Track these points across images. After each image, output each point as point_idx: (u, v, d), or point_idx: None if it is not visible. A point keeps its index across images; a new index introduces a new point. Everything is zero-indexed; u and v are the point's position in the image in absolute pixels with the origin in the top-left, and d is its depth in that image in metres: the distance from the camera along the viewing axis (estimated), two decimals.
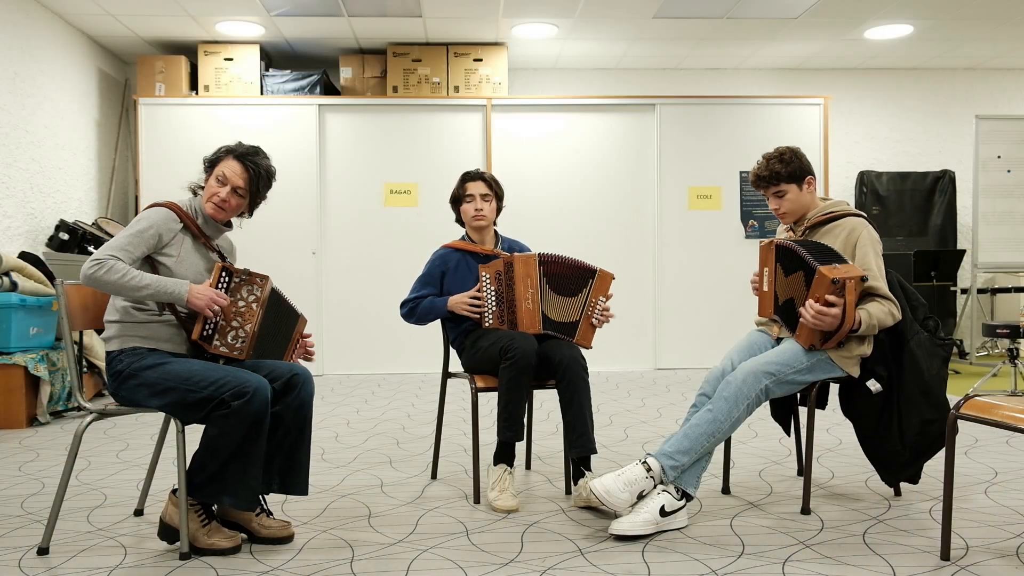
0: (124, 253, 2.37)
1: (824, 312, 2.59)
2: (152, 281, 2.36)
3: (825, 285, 2.58)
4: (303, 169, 6.54)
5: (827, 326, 2.62)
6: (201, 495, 2.39)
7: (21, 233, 5.51)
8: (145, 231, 2.43)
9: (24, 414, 4.43)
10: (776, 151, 2.88)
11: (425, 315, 3.17)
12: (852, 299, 2.59)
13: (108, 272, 2.32)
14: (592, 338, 3.10)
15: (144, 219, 2.45)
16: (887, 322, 2.69)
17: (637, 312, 6.74)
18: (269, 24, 6.22)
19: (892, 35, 6.56)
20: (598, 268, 3.08)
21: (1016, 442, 3.82)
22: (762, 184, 2.89)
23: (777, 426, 4.23)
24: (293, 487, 2.55)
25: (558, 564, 2.32)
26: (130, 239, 2.40)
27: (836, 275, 2.56)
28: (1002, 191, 6.98)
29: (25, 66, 5.56)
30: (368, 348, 6.61)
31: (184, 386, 2.35)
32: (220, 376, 2.35)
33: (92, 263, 2.33)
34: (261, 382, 2.37)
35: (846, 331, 2.63)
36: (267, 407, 2.38)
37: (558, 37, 6.58)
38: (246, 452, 2.36)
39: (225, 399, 2.31)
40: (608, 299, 3.10)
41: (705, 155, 6.75)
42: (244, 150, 2.61)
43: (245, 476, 2.37)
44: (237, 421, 2.32)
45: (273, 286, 2.60)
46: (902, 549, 2.42)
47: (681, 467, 2.59)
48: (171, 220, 2.49)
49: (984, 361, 7.15)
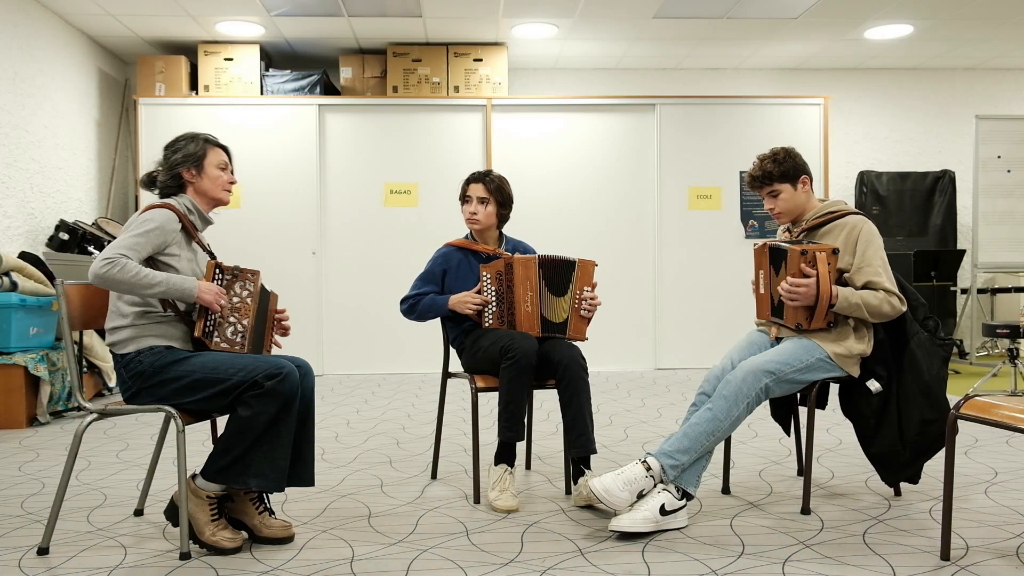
0: (133, 252, 2.38)
1: (798, 283, 2.65)
2: (163, 279, 2.38)
3: (795, 259, 2.67)
4: (303, 169, 6.54)
5: (803, 298, 2.67)
6: (224, 478, 2.40)
7: (21, 233, 5.51)
8: (152, 232, 2.43)
9: (24, 414, 4.43)
10: (770, 151, 2.91)
11: (426, 312, 3.16)
12: (824, 270, 2.65)
13: (121, 271, 2.32)
14: (585, 330, 3.09)
15: (150, 220, 2.45)
16: (882, 308, 2.69)
17: (637, 312, 6.74)
18: (269, 24, 6.22)
19: (892, 35, 6.56)
20: (577, 259, 3.08)
21: (1016, 442, 3.82)
22: (756, 184, 2.92)
23: (777, 426, 4.23)
24: (300, 478, 2.57)
25: (558, 564, 2.32)
26: (138, 239, 2.41)
27: (805, 248, 2.66)
28: (1002, 191, 6.98)
29: (25, 66, 5.56)
30: (368, 348, 6.61)
31: (214, 375, 2.38)
32: (249, 362, 2.40)
33: (104, 262, 2.33)
34: (291, 366, 2.43)
35: (825, 304, 2.68)
36: (298, 388, 2.43)
37: (558, 37, 6.58)
38: (276, 432, 2.40)
39: (258, 380, 2.36)
40: (593, 287, 3.09)
41: (705, 155, 6.75)
42: (212, 136, 2.68)
43: (273, 456, 2.40)
44: (271, 399, 2.36)
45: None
46: (902, 549, 2.42)
47: (681, 466, 2.59)
48: (173, 221, 2.50)
49: (984, 361, 7.15)
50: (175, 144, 2.64)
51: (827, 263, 2.66)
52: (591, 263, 3.09)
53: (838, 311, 2.71)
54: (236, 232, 6.51)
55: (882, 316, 2.71)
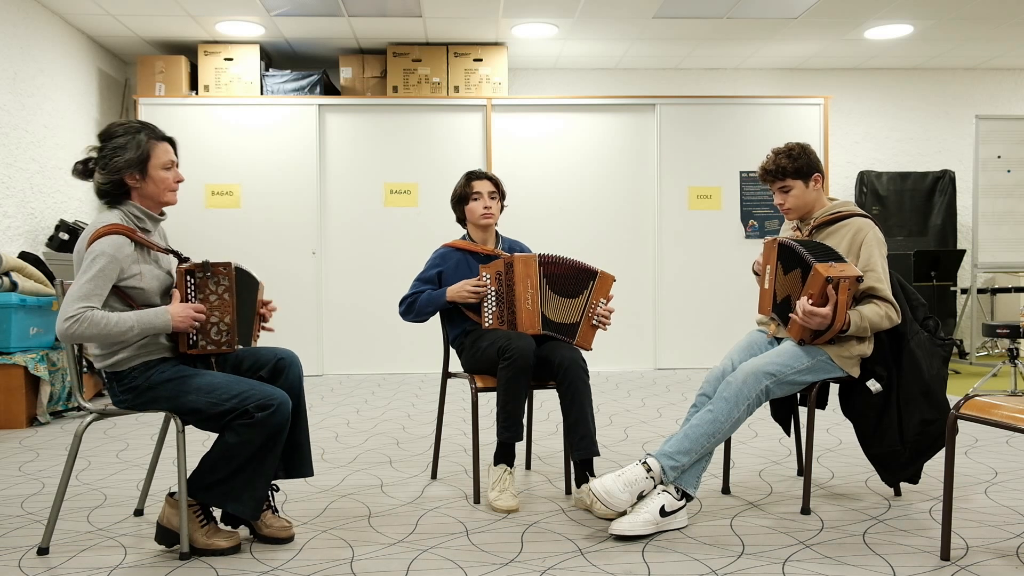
0: (95, 299, 2.26)
1: (814, 313, 2.60)
2: (135, 322, 2.28)
3: (819, 281, 2.59)
4: (303, 169, 6.54)
5: (816, 326, 2.63)
6: (206, 497, 2.39)
7: (21, 233, 5.51)
8: (104, 269, 2.28)
9: (24, 414, 4.43)
10: (786, 146, 2.88)
11: (424, 308, 3.14)
12: (844, 299, 2.59)
13: (89, 326, 2.22)
14: (592, 340, 3.09)
15: (101, 255, 2.28)
16: (881, 325, 2.69)
17: (637, 312, 6.74)
18: (269, 24, 6.22)
19: (892, 35, 6.56)
20: (599, 270, 3.07)
21: (1016, 442, 3.82)
22: (768, 178, 2.90)
23: (777, 426, 4.23)
24: (298, 469, 2.56)
25: (558, 564, 2.32)
26: (94, 283, 2.26)
27: (831, 273, 2.57)
28: (1002, 191, 6.98)
29: (25, 66, 5.56)
30: (368, 348, 6.61)
31: (207, 399, 2.34)
32: (244, 389, 2.35)
33: (67, 321, 2.21)
34: (285, 396, 2.38)
35: (836, 331, 2.64)
36: (288, 421, 2.39)
37: (558, 37, 6.58)
38: (260, 461, 2.38)
39: (249, 410, 2.32)
40: (608, 301, 3.09)
41: (705, 155, 6.75)
42: (154, 127, 2.45)
43: (254, 486, 2.38)
44: (259, 431, 2.33)
45: (236, 265, 2.49)
46: (902, 549, 2.42)
47: (681, 467, 2.59)
48: (124, 245, 2.33)
49: (984, 361, 7.15)
50: (113, 140, 2.40)
51: (847, 291, 2.59)
52: (611, 277, 3.07)
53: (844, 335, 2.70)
54: (236, 232, 6.51)
55: (879, 330, 2.72)
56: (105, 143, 2.42)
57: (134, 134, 2.40)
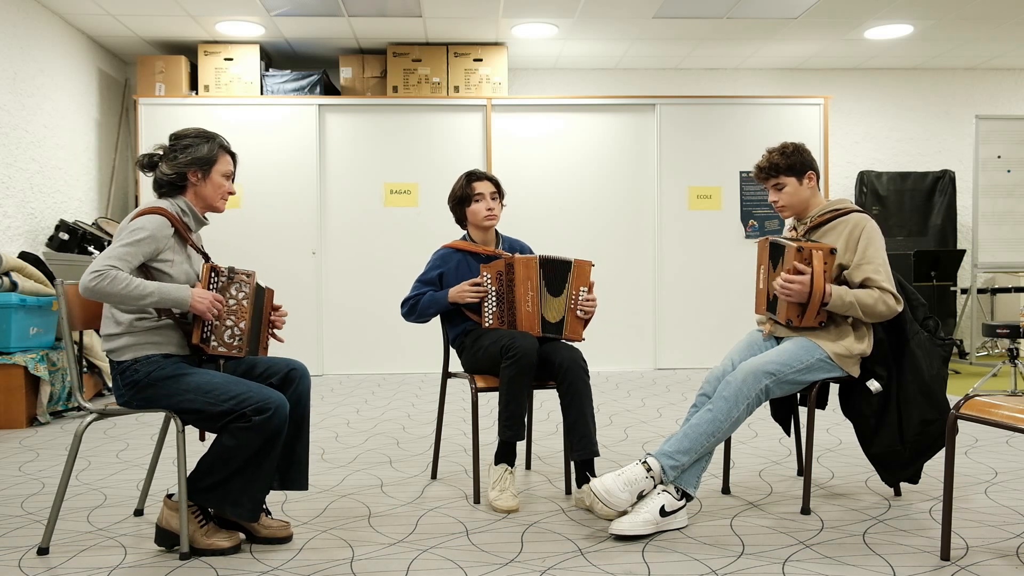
0: (123, 263, 2.31)
1: (791, 279, 2.65)
2: (155, 289, 2.32)
3: (791, 255, 2.67)
4: (303, 169, 6.54)
5: (796, 295, 2.67)
6: (204, 499, 2.39)
7: (21, 233, 5.51)
8: (143, 241, 2.36)
9: (24, 414, 4.43)
10: (780, 145, 2.94)
11: (426, 310, 3.15)
12: (819, 268, 2.65)
13: (111, 283, 2.26)
14: (581, 330, 3.08)
15: (141, 228, 2.38)
16: (877, 308, 2.68)
17: (637, 312, 6.74)
18: (269, 24, 6.22)
19: (892, 35, 6.56)
20: (573, 259, 3.07)
21: (1016, 442, 3.82)
22: (762, 175, 2.93)
23: (777, 426, 4.23)
24: (293, 482, 2.56)
25: (558, 564, 2.32)
26: (128, 248, 2.34)
27: (802, 244, 2.67)
28: (1002, 191, 6.98)
29: (25, 66, 5.56)
30: (368, 348, 6.61)
31: (205, 399, 2.35)
32: (242, 391, 2.35)
33: (92, 275, 2.27)
34: (282, 399, 2.38)
35: (817, 302, 2.67)
36: (285, 424, 2.40)
37: (558, 37, 6.58)
38: (257, 464, 2.38)
39: (246, 413, 2.32)
40: (590, 288, 3.08)
41: (705, 155, 6.75)
42: (224, 139, 2.61)
43: (252, 488, 2.39)
44: (255, 435, 2.33)
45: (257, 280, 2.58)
46: (902, 549, 2.42)
47: (681, 467, 2.59)
48: (165, 227, 2.42)
49: (984, 361, 7.15)
50: (185, 139, 2.53)
51: (823, 261, 2.66)
52: (588, 263, 3.07)
53: (831, 310, 2.70)
54: (236, 232, 6.51)
55: (877, 316, 2.70)
56: (176, 141, 2.55)
57: (206, 139, 2.55)
